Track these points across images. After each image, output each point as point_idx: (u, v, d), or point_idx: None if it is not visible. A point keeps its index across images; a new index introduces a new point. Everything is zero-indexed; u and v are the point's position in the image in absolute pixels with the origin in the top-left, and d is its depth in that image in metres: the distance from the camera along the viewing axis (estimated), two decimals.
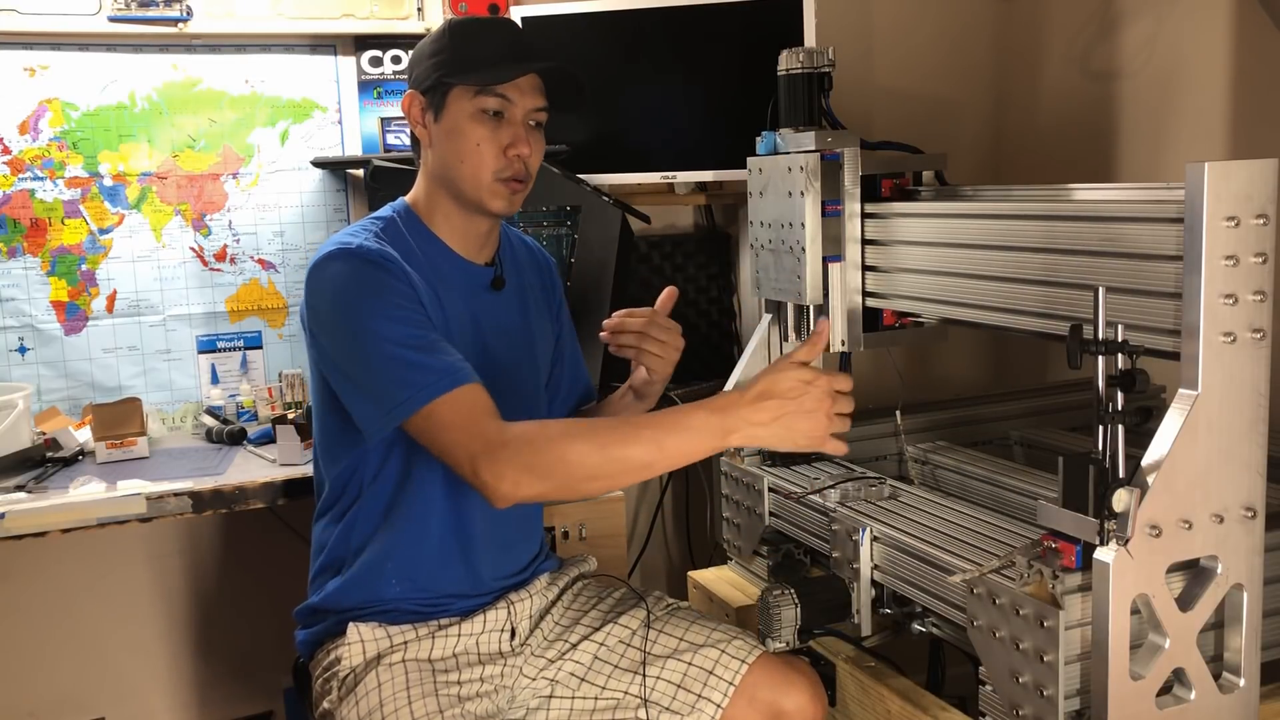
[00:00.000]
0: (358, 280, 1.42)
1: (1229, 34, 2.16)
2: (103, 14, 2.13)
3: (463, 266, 1.57)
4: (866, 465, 1.87)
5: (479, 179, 1.50)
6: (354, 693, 1.48)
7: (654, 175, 2.39)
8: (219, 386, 2.29)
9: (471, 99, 1.49)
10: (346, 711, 1.47)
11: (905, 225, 1.73)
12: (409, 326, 1.40)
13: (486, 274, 1.60)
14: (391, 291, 1.42)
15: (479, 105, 1.49)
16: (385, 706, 1.43)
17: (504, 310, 1.62)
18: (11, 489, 1.80)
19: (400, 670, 1.48)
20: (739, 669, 1.51)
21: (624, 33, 2.33)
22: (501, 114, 1.50)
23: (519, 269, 1.68)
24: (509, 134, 1.50)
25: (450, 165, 1.52)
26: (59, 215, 2.21)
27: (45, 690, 2.29)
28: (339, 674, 1.50)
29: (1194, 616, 1.23)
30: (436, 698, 1.44)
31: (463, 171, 1.51)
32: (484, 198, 1.51)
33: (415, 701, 1.43)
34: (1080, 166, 2.53)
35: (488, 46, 1.50)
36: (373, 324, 1.39)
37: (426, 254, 1.53)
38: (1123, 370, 1.19)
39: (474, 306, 1.57)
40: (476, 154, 1.49)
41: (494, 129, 1.49)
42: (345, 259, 1.44)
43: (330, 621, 1.56)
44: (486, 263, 1.61)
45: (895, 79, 2.68)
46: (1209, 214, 1.17)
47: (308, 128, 2.35)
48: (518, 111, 1.50)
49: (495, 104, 1.49)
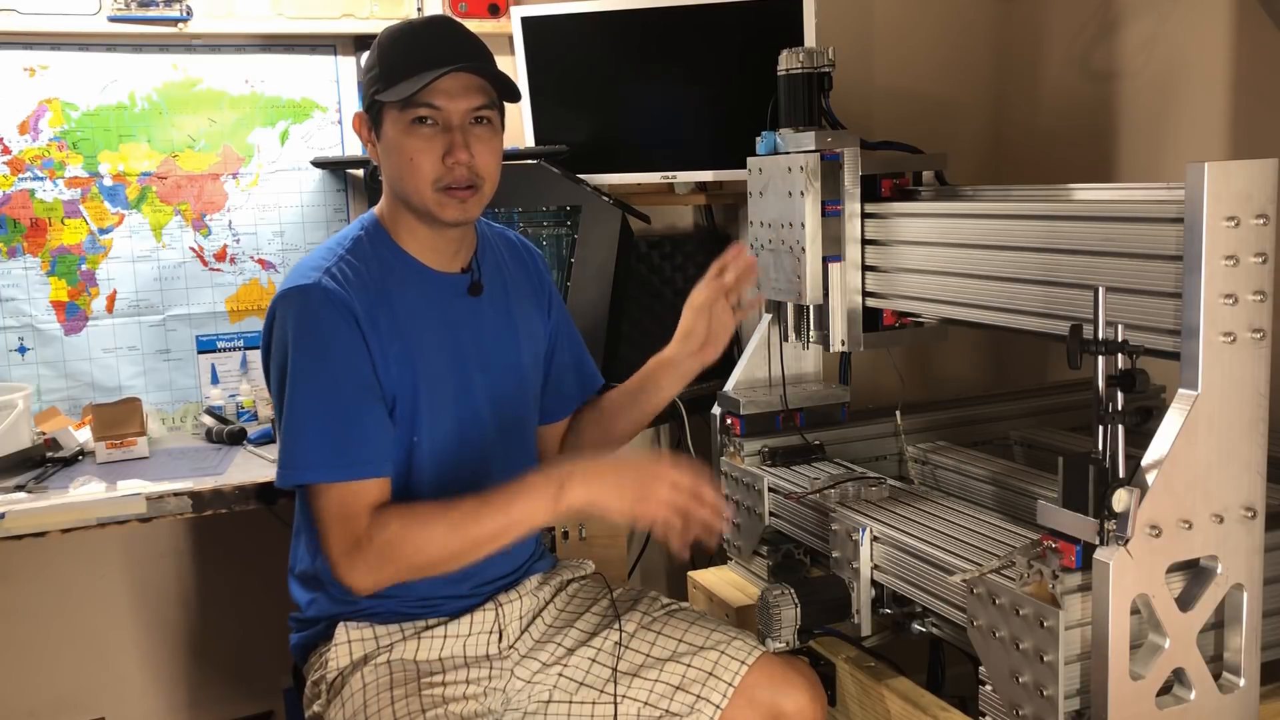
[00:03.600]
0: (307, 331, 1.43)
1: (1229, 34, 2.16)
2: (103, 14, 2.13)
3: (433, 278, 1.55)
4: (866, 465, 1.87)
5: (421, 192, 1.47)
6: (340, 695, 1.48)
7: (654, 175, 2.39)
8: (219, 386, 2.29)
9: (401, 112, 1.45)
10: (334, 714, 1.47)
11: (905, 225, 1.73)
12: (340, 393, 1.42)
13: (462, 281, 1.58)
14: (337, 348, 1.43)
15: (408, 117, 1.45)
16: (369, 707, 1.44)
17: (484, 315, 1.59)
18: (11, 489, 1.80)
19: (385, 670, 1.48)
20: (739, 670, 1.50)
21: (624, 33, 2.33)
22: (434, 121, 1.45)
23: (500, 268, 1.65)
24: (444, 141, 1.45)
25: (395, 182, 1.50)
26: (59, 215, 2.21)
27: (45, 690, 2.29)
28: (327, 677, 1.51)
29: (1194, 616, 1.23)
30: (419, 698, 1.44)
31: (406, 187, 1.48)
32: (432, 209, 1.48)
33: (398, 701, 1.43)
34: (1080, 166, 2.53)
35: (412, 55, 1.45)
36: (304, 384, 1.42)
37: (394, 271, 1.51)
38: (1123, 370, 1.19)
39: (450, 317, 1.55)
40: (412, 168, 1.45)
41: (429, 138, 1.45)
42: (302, 303, 1.44)
43: (321, 626, 1.56)
44: (462, 269, 1.58)
45: (895, 79, 2.68)
46: (1209, 214, 1.17)
47: (308, 128, 2.35)
48: (453, 116, 1.45)
49: (425, 112, 1.44)
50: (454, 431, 1.54)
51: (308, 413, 1.42)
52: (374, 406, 1.45)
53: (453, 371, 1.54)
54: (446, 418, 1.53)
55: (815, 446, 1.90)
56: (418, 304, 1.52)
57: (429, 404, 1.51)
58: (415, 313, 1.51)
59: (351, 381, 1.44)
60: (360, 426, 1.43)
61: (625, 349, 2.42)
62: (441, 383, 1.52)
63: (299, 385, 1.42)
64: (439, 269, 1.56)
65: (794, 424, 1.94)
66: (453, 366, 1.54)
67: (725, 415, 1.96)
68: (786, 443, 1.90)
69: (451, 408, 1.54)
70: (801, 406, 1.95)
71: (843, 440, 1.95)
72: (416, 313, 1.51)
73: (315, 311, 1.43)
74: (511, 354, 1.62)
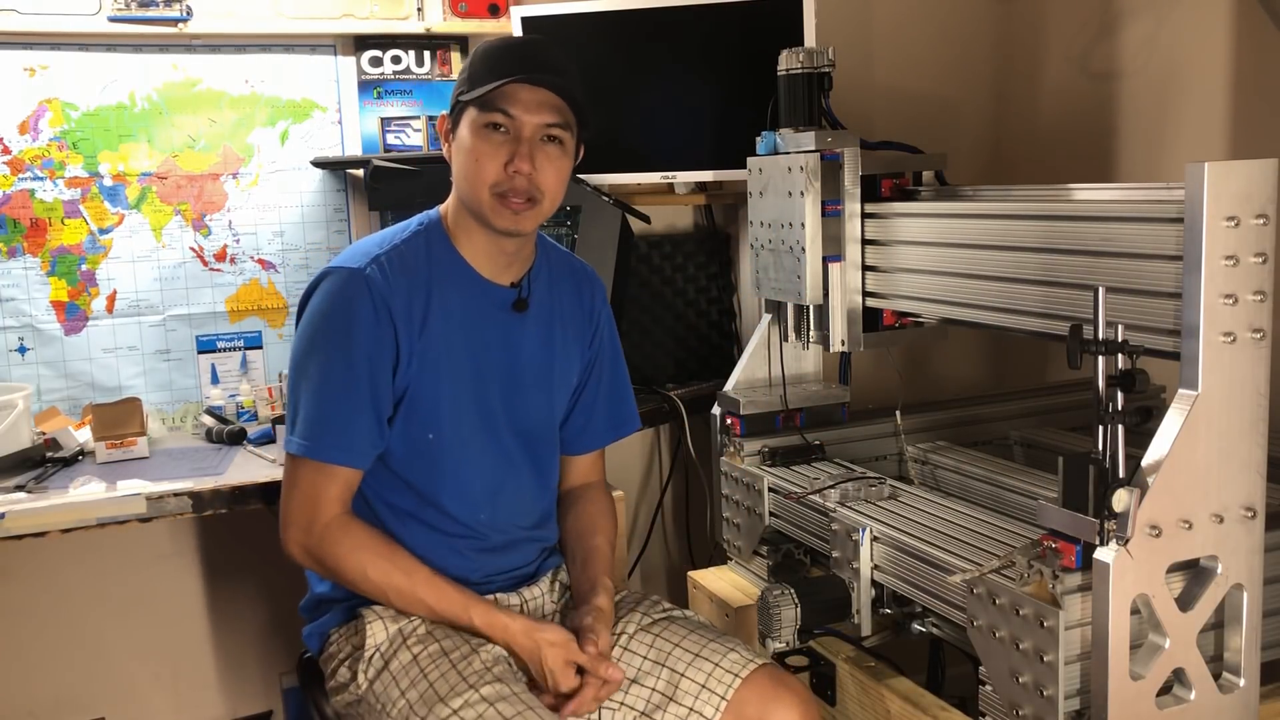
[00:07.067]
0: (338, 314, 1.49)
1: (1229, 34, 2.16)
2: (103, 14, 2.13)
3: (481, 286, 1.57)
4: (866, 465, 1.87)
5: (479, 193, 1.50)
6: (388, 669, 1.47)
7: (654, 175, 2.39)
8: (219, 386, 2.29)
9: (477, 115, 1.49)
10: (383, 689, 1.46)
11: (905, 225, 1.73)
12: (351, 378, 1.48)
13: (509, 295, 1.59)
14: (359, 338, 1.48)
15: (482, 120, 1.49)
16: (430, 674, 1.43)
17: (524, 333, 1.61)
18: (11, 489, 1.80)
19: (430, 640, 1.48)
20: (731, 683, 1.49)
21: (624, 33, 2.33)
22: (506, 130, 1.49)
23: (552, 292, 1.65)
24: (511, 149, 1.48)
25: (459, 180, 1.54)
26: (59, 215, 2.21)
27: (45, 690, 2.29)
28: (365, 655, 1.50)
29: (1194, 616, 1.23)
30: (478, 655, 1.45)
31: (465, 186, 1.52)
32: (486, 213, 1.51)
33: (459, 663, 1.43)
34: (1080, 166, 2.53)
35: (498, 62, 1.49)
36: (318, 363, 1.50)
37: (443, 270, 1.54)
38: (1123, 370, 1.19)
39: (488, 326, 1.57)
40: (476, 168, 1.49)
41: (497, 144, 1.49)
42: (342, 284, 1.50)
43: (338, 610, 1.57)
44: (512, 283, 1.60)
45: (895, 79, 2.68)
46: (1209, 214, 1.17)
47: (308, 128, 2.35)
48: (525, 128, 1.49)
49: (498, 118, 1.48)
50: (474, 436, 1.57)
51: (312, 390, 1.49)
52: (372, 403, 1.50)
53: (476, 378, 1.56)
54: (468, 422, 1.56)
55: (815, 446, 1.90)
56: (458, 307, 1.55)
57: (450, 404, 1.54)
58: (453, 315, 1.54)
59: (360, 373, 1.49)
60: (355, 416, 1.49)
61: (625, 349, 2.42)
62: (464, 387, 1.55)
63: (313, 361, 1.50)
64: (489, 278, 1.58)
65: (794, 424, 1.94)
66: (476, 374, 1.56)
67: (725, 415, 1.96)
68: (786, 443, 1.90)
69: (473, 413, 1.56)
70: (801, 406, 1.95)
71: (843, 440, 1.95)
72: (454, 315, 1.54)
73: (351, 298, 1.49)
74: (543, 376, 1.63)
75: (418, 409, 1.53)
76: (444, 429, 1.54)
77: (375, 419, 1.50)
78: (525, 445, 1.62)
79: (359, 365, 1.48)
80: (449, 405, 1.54)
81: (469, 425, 1.56)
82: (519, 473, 1.62)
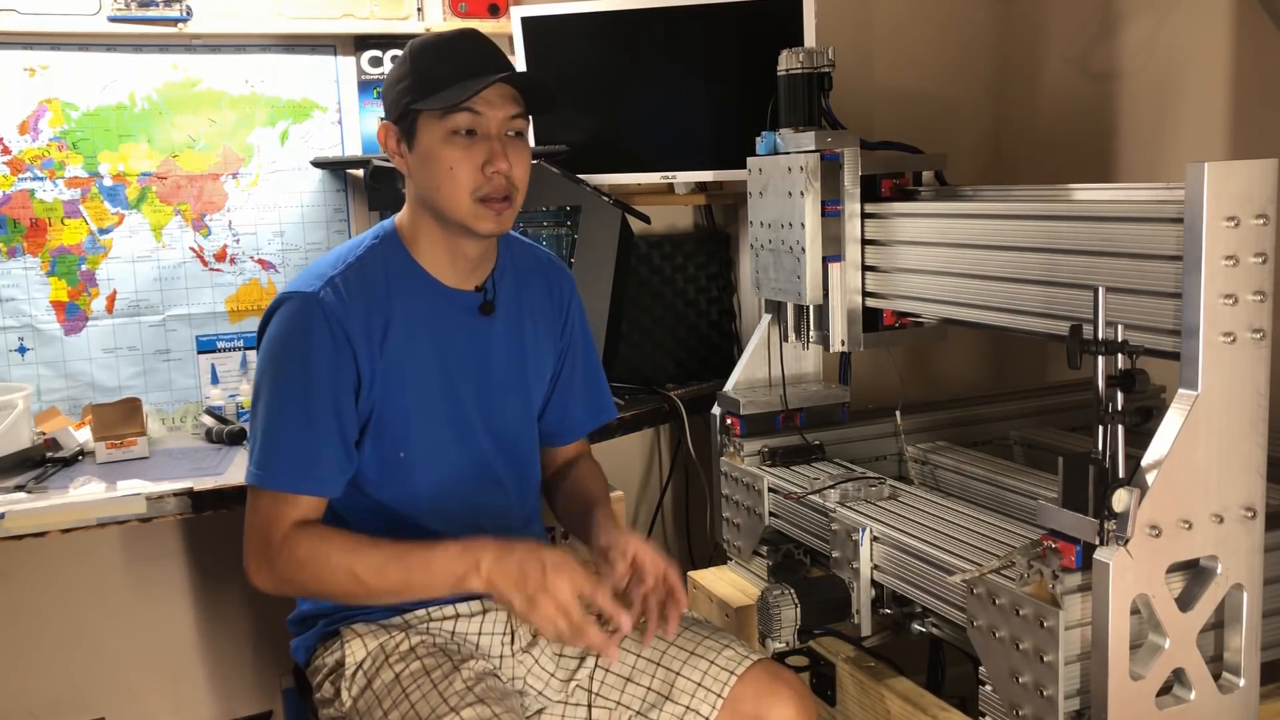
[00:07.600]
0: (294, 339, 1.46)
1: (1229, 34, 2.16)
2: (103, 14, 2.13)
3: (443, 294, 1.54)
4: (866, 465, 1.87)
5: (458, 203, 1.46)
6: (371, 688, 1.46)
7: (654, 175, 2.39)
8: (219, 386, 2.29)
9: (440, 121, 1.44)
10: (367, 708, 1.45)
11: (905, 225, 1.73)
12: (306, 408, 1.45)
13: (474, 299, 1.57)
14: (317, 364, 1.45)
15: (449, 127, 1.44)
16: (412, 695, 1.42)
17: (494, 335, 1.59)
18: (11, 489, 1.80)
19: (412, 657, 1.47)
20: (728, 680, 1.48)
21: (624, 33, 2.33)
22: (474, 131, 1.45)
23: (519, 287, 1.63)
24: (484, 150, 1.45)
25: (429, 192, 1.49)
26: (59, 215, 2.21)
27: (45, 690, 2.29)
28: (345, 673, 1.49)
29: (1194, 616, 1.23)
30: (459, 674, 1.43)
31: (441, 198, 1.47)
32: (468, 221, 1.47)
33: (440, 683, 1.42)
34: (1080, 166, 2.53)
35: (448, 65, 1.45)
36: (276, 391, 1.46)
37: (402, 284, 1.51)
38: (1123, 370, 1.19)
39: (454, 335, 1.55)
40: (451, 178, 1.45)
41: (467, 148, 1.45)
42: (296, 311, 1.46)
43: (320, 626, 1.56)
44: (476, 287, 1.57)
45: (895, 79, 2.68)
46: (1209, 214, 1.17)
47: (307, 128, 2.35)
48: (491, 125, 1.45)
49: (466, 121, 1.44)
50: (449, 449, 1.55)
51: (270, 418, 1.46)
52: (337, 429, 1.46)
53: (446, 390, 1.54)
54: (441, 436, 1.54)
55: (815, 446, 1.90)
56: (420, 319, 1.52)
57: (421, 420, 1.52)
58: (416, 328, 1.51)
59: (320, 400, 1.45)
60: (314, 445, 1.45)
61: (625, 349, 2.43)
62: (434, 400, 1.53)
63: (272, 390, 1.46)
64: (452, 285, 1.55)
65: (794, 424, 1.94)
66: (447, 385, 1.54)
67: (725, 415, 1.96)
68: (786, 443, 1.90)
69: (445, 426, 1.54)
70: (801, 406, 1.95)
71: (843, 440, 1.95)
72: (417, 328, 1.51)
73: (306, 324, 1.45)
74: (516, 376, 1.62)
75: (387, 428, 1.50)
76: (415, 445, 1.51)
77: (340, 444, 1.47)
78: (503, 448, 1.60)
79: (319, 392, 1.45)
80: (419, 420, 1.51)
81: (443, 437, 1.54)
82: (499, 478, 1.60)
